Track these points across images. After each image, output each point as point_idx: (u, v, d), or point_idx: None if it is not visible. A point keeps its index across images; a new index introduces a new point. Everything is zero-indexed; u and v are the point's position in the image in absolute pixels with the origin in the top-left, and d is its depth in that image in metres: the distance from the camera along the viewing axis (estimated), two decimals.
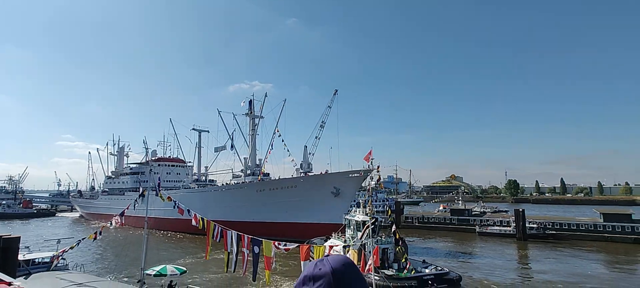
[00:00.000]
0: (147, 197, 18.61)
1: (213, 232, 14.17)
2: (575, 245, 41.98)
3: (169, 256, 30.84)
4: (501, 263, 34.46)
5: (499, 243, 44.94)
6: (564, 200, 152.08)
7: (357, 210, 32.26)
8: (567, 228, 45.69)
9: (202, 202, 53.79)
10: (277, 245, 11.98)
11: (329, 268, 1.29)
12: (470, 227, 51.31)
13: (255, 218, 47.27)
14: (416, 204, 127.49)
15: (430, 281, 22.77)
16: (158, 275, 17.21)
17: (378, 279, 22.72)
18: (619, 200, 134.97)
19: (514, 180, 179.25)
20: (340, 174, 46.00)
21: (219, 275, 25.54)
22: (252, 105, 59.35)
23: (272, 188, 48.72)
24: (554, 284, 26.61)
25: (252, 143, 58.63)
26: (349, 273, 1.31)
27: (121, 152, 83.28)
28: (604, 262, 34.67)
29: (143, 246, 17.02)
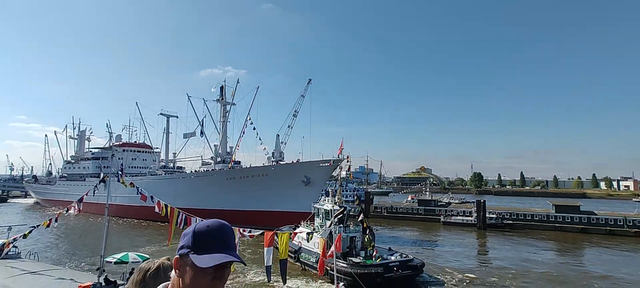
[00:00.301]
0: (109, 182, 17.86)
1: (177, 218, 13.90)
2: (529, 234, 44.93)
3: (132, 244, 29.87)
4: (461, 250, 36.29)
5: (461, 232, 47.23)
6: (522, 192, 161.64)
7: (326, 199, 32.65)
8: (522, 219, 48.76)
9: (169, 189, 52.30)
10: (242, 231, 11.94)
11: (193, 227, 1.38)
12: (436, 217, 53.46)
13: (225, 206, 46.66)
14: (386, 194, 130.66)
15: (396, 267, 23.43)
16: (119, 263, 16.67)
17: (345, 266, 23.30)
18: (571, 193, 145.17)
19: (478, 173, 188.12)
20: (311, 163, 46.25)
21: None
22: (223, 91, 57.97)
23: (242, 177, 48.21)
24: (507, 270, 28.39)
25: (223, 130, 57.46)
26: (211, 230, 1.35)
27: (82, 136, 78.64)
28: (553, 250, 37.40)
29: (103, 233, 16.42)
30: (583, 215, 45.34)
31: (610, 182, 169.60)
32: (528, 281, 25.51)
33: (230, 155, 55.00)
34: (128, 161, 68.10)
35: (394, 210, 58.65)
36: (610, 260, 32.98)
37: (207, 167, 57.64)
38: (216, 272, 1.27)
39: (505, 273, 27.35)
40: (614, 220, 43.75)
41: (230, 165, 51.39)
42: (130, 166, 68.46)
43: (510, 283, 25.06)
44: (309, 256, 26.69)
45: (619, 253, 35.68)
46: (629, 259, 33.29)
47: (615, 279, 26.32)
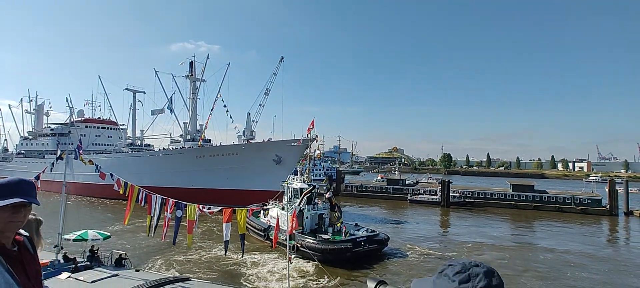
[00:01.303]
0: (66, 159, 17.25)
1: (137, 196, 13.78)
2: (488, 211, 47.83)
3: (94, 223, 29.16)
4: (425, 226, 38.23)
5: (426, 209, 49.50)
6: (488, 172, 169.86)
7: (294, 177, 33.06)
8: (483, 197, 51.72)
9: (136, 167, 50.82)
10: (201, 208, 12.09)
11: None
12: (403, 196, 55.55)
13: (194, 184, 46.09)
14: (357, 174, 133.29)
15: (363, 242, 24.59)
16: (78, 240, 16.36)
17: (315, 242, 24.08)
18: (532, 174, 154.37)
19: (448, 154, 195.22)
20: (283, 142, 46.22)
21: (148, 241, 24.93)
22: (193, 67, 56.04)
23: (212, 155, 47.55)
24: (464, 244, 30.35)
25: (193, 107, 55.93)
26: (9, 182, 1.77)
27: (40, 110, 73.86)
28: (508, 225, 40.17)
29: (60, 210, 16.05)
30: (536, 194, 48.74)
31: (566, 163, 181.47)
32: (479, 252, 27.46)
33: (200, 133, 53.90)
34: (91, 138, 65.13)
35: (363, 189, 60.28)
36: (557, 234, 35.93)
37: (176, 145, 56.27)
38: (13, 209, 1.71)
39: (462, 247, 29.27)
40: (562, 199, 47.40)
41: (200, 143, 50.46)
42: (94, 143, 65.59)
43: (466, 255, 26.88)
44: (278, 234, 27.20)
45: (565, 228, 38.87)
46: (572, 234, 36.36)
47: (558, 251, 28.81)
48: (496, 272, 1.18)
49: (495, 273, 1.17)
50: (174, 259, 23.20)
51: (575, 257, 27.51)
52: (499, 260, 25.77)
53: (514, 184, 52.04)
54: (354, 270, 22.40)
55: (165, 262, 22.27)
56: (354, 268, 22.66)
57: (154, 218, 12.89)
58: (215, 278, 19.51)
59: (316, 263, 22.39)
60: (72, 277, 12.88)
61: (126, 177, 52.67)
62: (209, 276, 20.04)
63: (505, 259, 26.11)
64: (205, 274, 20.17)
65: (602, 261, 26.78)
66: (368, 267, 23.20)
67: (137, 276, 13.12)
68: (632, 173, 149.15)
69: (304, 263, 23.16)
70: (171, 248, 23.73)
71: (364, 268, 22.91)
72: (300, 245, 24.41)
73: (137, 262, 17.89)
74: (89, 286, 12.12)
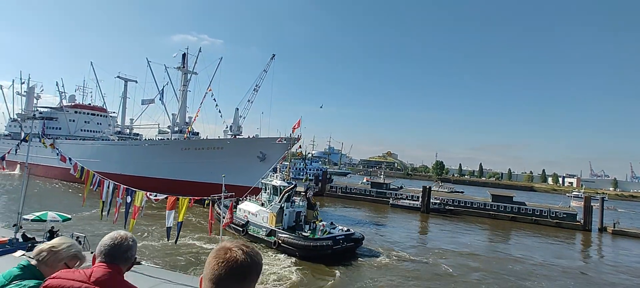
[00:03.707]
0: (30, 142, 17.60)
1: (91, 180, 14.13)
2: (467, 219, 48.40)
3: (58, 205, 29.30)
4: (402, 230, 38.70)
5: (406, 214, 50.03)
6: (478, 182, 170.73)
7: (274, 175, 33.49)
8: (463, 205, 52.34)
9: (120, 155, 51.05)
10: (148, 195, 12.49)
11: None
12: (386, 199, 56.06)
13: (177, 176, 46.33)
14: (344, 175, 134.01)
15: (341, 240, 25.63)
16: (37, 220, 16.64)
17: (295, 239, 24.83)
18: (522, 186, 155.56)
19: (440, 161, 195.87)
20: (268, 140, 46.58)
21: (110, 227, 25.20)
22: (185, 59, 56.23)
23: (197, 148, 47.81)
24: (433, 249, 30.80)
25: (183, 99, 56.14)
26: None
27: (30, 93, 73.72)
28: (483, 234, 40.74)
29: (22, 190, 16.34)
30: (514, 205, 49.43)
31: (556, 177, 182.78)
32: (448, 259, 27.86)
33: (188, 125, 54.15)
34: (80, 124, 65.22)
35: (348, 191, 60.75)
36: (529, 245, 36.46)
37: (163, 135, 56.50)
38: None
39: (433, 253, 29.59)
40: (539, 211, 48.08)
41: (186, 135, 50.74)
42: (82, 129, 65.68)
43: (431, 260, 27.34)
44: (258, 229, 27.70)
45: (538, 240, 39.50)
46: (544, 246, 36.94)
47: (526, 262, 29.30)
48: None
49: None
50: (153, 247, 23.69)
51: (541, 268, 28.02)
52: (466, 267, 26.21)
53: (494, 194, 52.72)
54: (330, 266, 23.22)
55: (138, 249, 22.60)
56: (330, 264, 23.47)
57: (107, 203, 13.26)
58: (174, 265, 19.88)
59: (295, 258, 23.59)
60: (26, 255, 13.20)
61: (110, 165, 52.89)
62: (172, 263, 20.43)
63: (472, 267, 26.52)
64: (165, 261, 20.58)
65: (566, 274, 27.31)
66: (343, 264, 23.98)
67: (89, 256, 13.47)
68: (620, 191, 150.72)
69: (284, 259, 23.93)
70: (135, 235, 23.94)
71: (340, 265, 23.68)
72: (282, 241, 25.00)
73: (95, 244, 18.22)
74: None
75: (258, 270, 1.48)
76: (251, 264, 1.44)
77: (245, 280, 1.42)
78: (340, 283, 20.78)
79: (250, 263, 1.44)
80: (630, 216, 67.62)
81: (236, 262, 1.40)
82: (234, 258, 1.41)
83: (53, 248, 2.23)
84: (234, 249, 1.45)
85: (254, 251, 1.50)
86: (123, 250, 2.04)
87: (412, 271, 24.19)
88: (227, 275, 1.38)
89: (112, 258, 1.99)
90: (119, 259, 2.02)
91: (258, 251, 1.53)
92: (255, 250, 1.52)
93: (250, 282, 1.44)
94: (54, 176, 52.67)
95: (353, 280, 21.62)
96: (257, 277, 1.47)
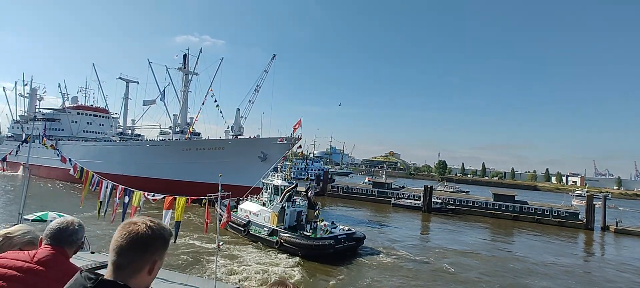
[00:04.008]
0: (30, 143, 17.75)
1: (90, 181, 14.21)
2: (469, 219, 48.24)
3: (58, 205, 29.46)
4: (403, 230, 38.55)
5: (407, 213, 49.95)
6: (481, 181, 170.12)
7: (275, 174, 33.52)
8: (465, 205, 52.18)
9: (122, 156, 51.27)
10: (146, 195, 12.54)
11: None
12: (387, 199, 55.97)
13: (179, 177, 46.48)
14: (346, 175, 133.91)
15: (343, 239, 25.83)
16: (38, 221, 16.73)
17: (297, 239, 24.91)
18: (525, 185, 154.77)
19: (443, 161, 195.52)
20: (269, 140, 46.66)
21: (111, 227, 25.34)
22: (186, 60, 56.47)
23: (199, 149, 47.94)
24: (434, 248, 30.71)
25: (184, 100, 56.35)
26: None
27: (33, 95, 74.12)
28: (484, 233, 40.53)
29: (23, 190, 16.45)
30: (516, 204, 49.23)
31: (560, 177, 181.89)
32: (449, 258, 27.77)
33: (189, 126, 54.32)
34: (82, 125, 65.59)
35: (350, 191, 60.71)
36: (531, 245, 36.31)
37: (165, 136, 56.69)
38: None
39: (434, 252, 29.51)
40: (542, 210, 47.86)
41: (187, 136, 50.89)
42: (85, 130, 66.05)
43: (433, 259, 27.28)
44: (259, 229, 27.78)
45: (540, 239, 39.30)
46: (546, 245, 36.75)
47: (528, 261, 29.16)
48: None
49: None
50: None
51: (543, 267, 27.83)
52: (468, 266, 26.13)
53: (496, 194, 52.52)
54: (332, 265, 23.35)
55: None
56: (333, 263, 23.60)
57: (104, 203, 13.33)
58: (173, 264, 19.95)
59: (298, 257, 23.77)
60: None
61: (112, 166, 53.11)
62: (171, 262, 20.49)
63: (474, 266, 26.42)
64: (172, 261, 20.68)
65: (568, 273, 27.16)
66: (345, 263, 24.09)
67: (90, 257, 13.54)
68: (624, 190, 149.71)
69: (286, 258, 24.03)
70: None
71: (342, 264, 23.80)
72: (284, 240, 25.08)
73: (97, 245, 18.32)
74: None
75: (160, 244, 1.58)
76: (152, 236, 1.55)
77: (146, 252, 1.53)
78: (342, 283, 20.82)
79: (151, 236, 1.54)
80: (633, 215, 67.21)
81: (137, 234, 1.52)
82: (136, 231, 1.53)
83: (8, 235, 2.28)
84: (139, 223, 1.56)
85: (158, 226, 1.61)
86: (68, 234, 2.14)
87: (414, 270, 24.16)
88: (128, 245, 1.50)
89: (57, 241, 2.10)
90: (64, 242, 2.12)
91: (165, 227, 1.64)
92: (161, 225, 1.62)
93: (152, 254, 1.55)
94: (56, 177, 53.00)
95: (355, 279, 21.63)
96: (160, 249, 1.58)
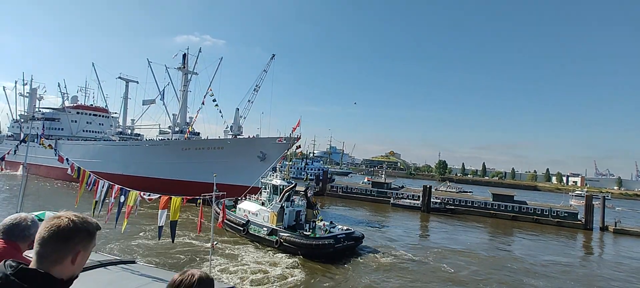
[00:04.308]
0: (28, 142, 17.82)
1: (87, 181, 14.22)
2: (467, 219, 48.26)
3: (56, 204, 29.68)
4: (401, 230, 38.56)
5: (406, 213, 49.98)
6: (481, 181, 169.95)
7: (273, 174, 33.59)
8: (464, 205, 52.19)
9: (122, 156, 51.34)
10: (142, 195, 12.55)
11: None
12: (387, 199, 55.99)
13: (178, 176, 46.53)
14: (345, 175, 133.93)
15: (342, 239, 25.98)
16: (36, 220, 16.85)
17: (297, 238, 25.05)
18: (525, 185, 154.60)
19: (443, 161, 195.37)
20: (268, 140, 46.71)
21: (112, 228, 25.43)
22: (185, 59, 56.53)
23: (198, 148, 47.99)
24: (432, 248, 30.73)
25: (183, 99, 56.42)
26: None
27: (33, 94, 74.25)
28: (483, 233, 40.57)
29: (20, 189, 16.50)
30: (515, 204, 49.22)
31: (560, 177, 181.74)
32: (447, 258, 27.81)
33: (189, 126, 54.39)
34: (82, 124, 65.71)
35: (349, 190, 60.75)
36: (529, 245, 36.32)
37: (164, 136, 56.77)
38: None
39: (431, 251, 29.53)
40: (541, 210, 47.85)
41: (187, 135, 50.96)
42: (84, 130, 66.17)
43: (431, 258, 27.32)
44: (259, 229, 27.86)
45: (539, 239, 39.30)
46: (545, 245, 36.77)
47: (526, 261, 29.16)
48: None
49: None
50: (149, 245, 23.87)
51: (541, 267, 27.84)
52: (466, 266, 26.15)
53: (495, 194, 52.52)
54: (331, 264, 23.52)
55: (125, 247, 22.87)
56: (332, 263, 23.77)
57: (99, 202, 13.35)
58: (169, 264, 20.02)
59: (297, 257, 23.98)
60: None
61: (111, 166, 53.16)
62: (168, 262, 20.58)
63: (472, 266, 26.43)
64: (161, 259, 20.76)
65: (566, 273, 27.17)
66: (344, 263, 24.24)
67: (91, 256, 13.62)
68: (624, 190, 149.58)
69: (286, 257, 24.16)
70: (133, 235, 24.45)
71: (341, 263, 23.95)
72: (284, 240, 25.15)
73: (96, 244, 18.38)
74: None
75: (84, 236, 1.70)
76: (74, 229, 1.67)
77: (67, 243, 1.65)
78: (342, 283, 20.87)
79: (72, 228, 1.66)
80: (633, 215, 67.15)
81: (59, 226, 1.64)
82: (58, 224, 1.65)
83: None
84: (62, 217, 1.68)
85: (82, 220, 1.73)
86: (21, 229, 2.26)
87: (412, 270, 24.20)
88: (50, 236, 1.63)
89: (10, 236, 2.22)
90: (17, 237, 2.25)
91: (90, 221, 1.77)
92: (86, 219, 1.75)
93: (75, 245, 1.67)
94: (56, 176, 53.13)
95: (354, 279, 21.70)
96: (84, 241, 1.71)
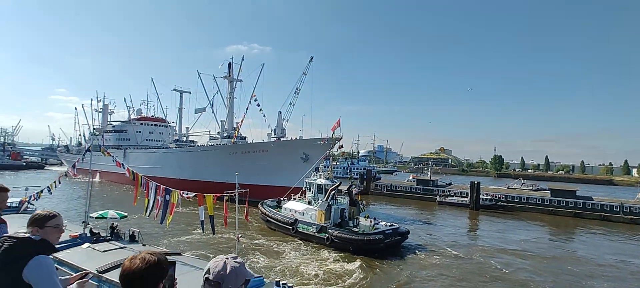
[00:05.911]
0: (91, 152, 20.55)
1: (140, 182, 16.13)
2: (521, 216, 44.99)
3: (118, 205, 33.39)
4: (449, 228, 37.30)
5: (454, 211, 47.96)
6: (544, 176, 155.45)
7: (317, 174, 34.57)
8: (517, 201, 48.65)
9: (178, 161, 55.88)
10: (181, 194, 14.02)
11: None
12: (433, 197, 54.20)
13: (226, 179, 49.41)
14: (390, 173, 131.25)
15: (390, 234, 26.62)
16: (100, 218, 19.38)
17: (346, 235, 26.12)
18: (598, 180, 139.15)
19: (499, 155, 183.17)
20: (310, 141, 47.84)
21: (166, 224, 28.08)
22: (231, 68, 60.03)
23: (244, 152, 50.64)
24: (481, 246, 29.32)
25: (230, 106, 59.90)
26: None
27: (105, 109, 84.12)
28: (541, 232, 37.46)
29: (87, 191, 19.16)
30: (578, 200, 44.68)
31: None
32: (497, 258, 26.33)
33: (235, 131, 57.57)
34: (145, 134, 72.62)
35: (393, 188, 59.81)
36: (595, 244, 32.88)
37: (214, 141, 60.73)
38: None
39: (480, 250, 28.19)
40: (610, 206, 42.86)
41: (233, 140, 53.99)
42: (147, 139, 73.09)
43: (480, 257, 26.15)
44: (307, 227, 29.05)
45: (606, 238, 35.42)
46: (616, 245, 32.90)
47: (591, 262, 26.53)
48: None
49: None
50: (195, 240, 26.14)
51: (609, 269, 25.09)
52: (518, 266, 24.64)
53: (553, 189, 48.18)
54: (380, 259, 24.21)
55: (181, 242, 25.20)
56: (380, 258, 24.43)
57: (150, 201, 15.09)
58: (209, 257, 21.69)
59: (346, 253, 24.99)
60: (91, 246, 15.57)
61: (169, 171, 58.06)
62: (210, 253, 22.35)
63: (526, 266, 24.75)
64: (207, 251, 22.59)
65: (633, 273, 24.40)
66: (391, 258, 24.82)
67: (141, 249, 15.49)
68: None
69: (337, 254, 25.13)
70: (182, 232, 26.83)
71: (388, 258, 24.53)
72: (335, 237, 26.19)
73: (149, 239, 20.64)
74: (100, 254, 14.58)
75: (158, 276, 1.84)
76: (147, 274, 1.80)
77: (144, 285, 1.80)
78: (393, 276, 21.58)
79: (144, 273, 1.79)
80: None
81: (131, 270, 1.79)
82: (129, 267, 1.80)
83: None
84: (134, 260, 1.83)
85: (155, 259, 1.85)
86: None
87: (460, 268, 23.50)
88: (126, 280, 1.79)
89: None
90: None
91: (161, 258, 1.88)
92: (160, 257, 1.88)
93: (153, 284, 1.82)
94: (124, 182, 59.35)
95: (402, 272, 22.14)
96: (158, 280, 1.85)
